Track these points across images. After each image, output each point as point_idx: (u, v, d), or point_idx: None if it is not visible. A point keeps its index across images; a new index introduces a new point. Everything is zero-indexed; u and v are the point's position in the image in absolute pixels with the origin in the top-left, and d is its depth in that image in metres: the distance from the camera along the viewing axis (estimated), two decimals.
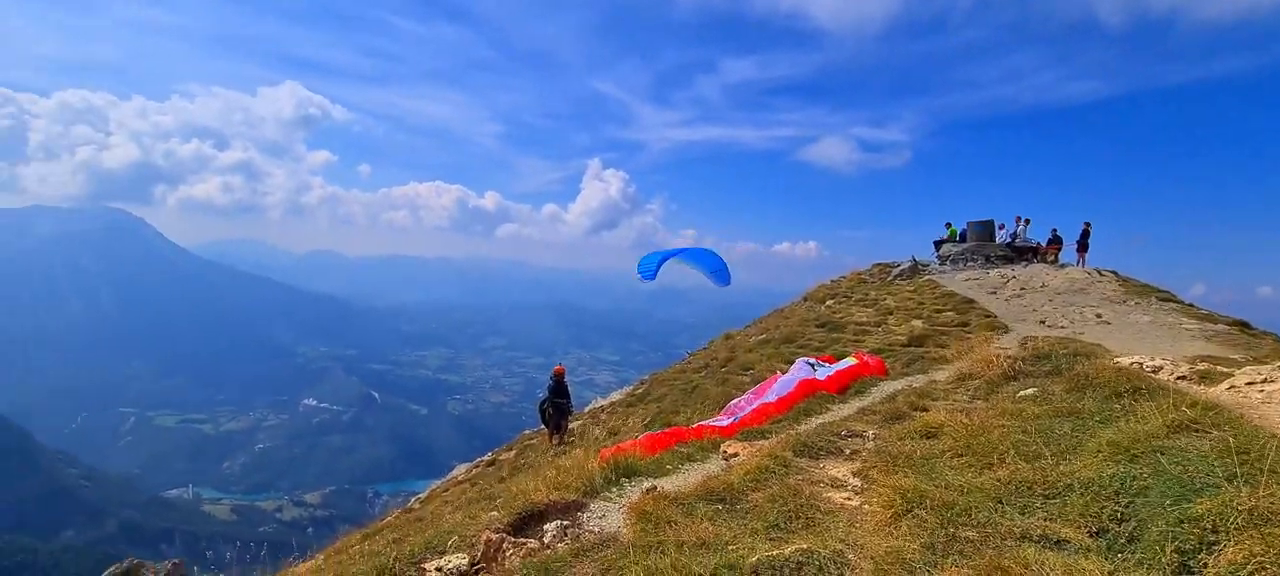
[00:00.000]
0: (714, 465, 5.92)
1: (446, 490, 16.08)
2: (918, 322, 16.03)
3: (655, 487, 4.98)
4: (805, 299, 25.14)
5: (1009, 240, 27.19)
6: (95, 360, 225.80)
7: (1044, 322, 15.08)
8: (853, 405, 8.07)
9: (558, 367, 15.23)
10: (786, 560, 2.92)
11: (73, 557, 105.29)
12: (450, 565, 3.94)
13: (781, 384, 10.00)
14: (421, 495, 17.52)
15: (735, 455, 6.10)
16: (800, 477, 4.63)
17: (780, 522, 3.63)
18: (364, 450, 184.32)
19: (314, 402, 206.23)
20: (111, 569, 15.80)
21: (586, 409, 20.00)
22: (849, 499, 4.19)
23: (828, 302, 22.52)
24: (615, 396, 21.23)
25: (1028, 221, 27.17)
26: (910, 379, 9.59)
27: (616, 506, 4.81)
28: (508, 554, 4.01)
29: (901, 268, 26.07)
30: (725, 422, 8.76)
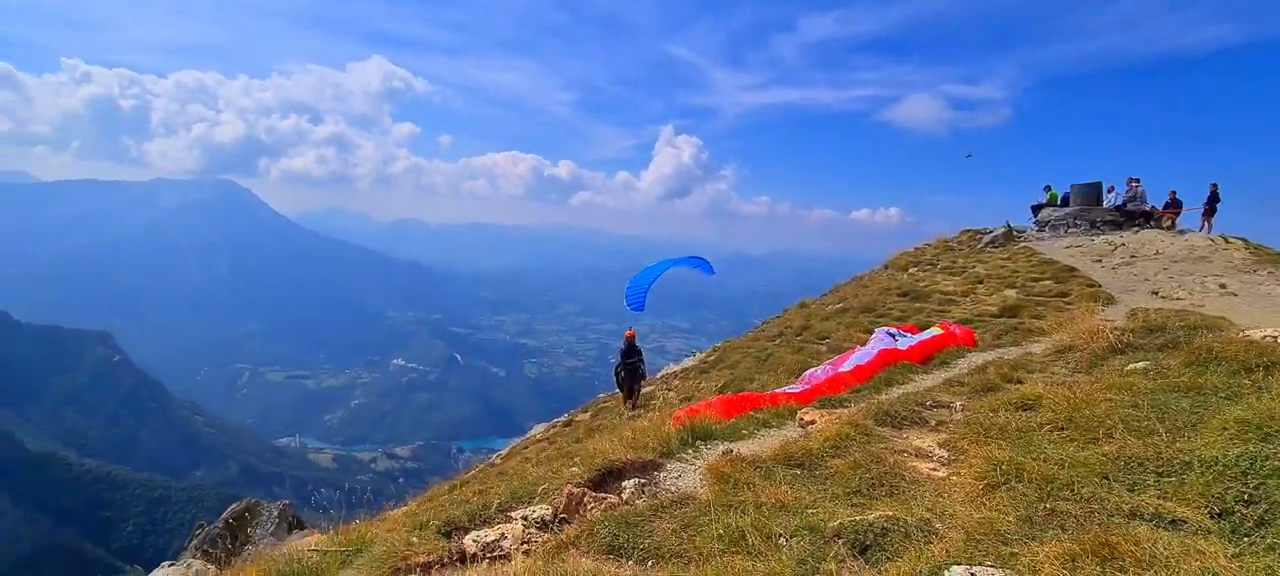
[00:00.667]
0: (791, 431, 5.86)
1: (525, 447, 16.81)
2: (1011, 292, 15.07)
3: (732, 451, 5.01)
4: (886, 266, 24.13)
5: (1118, 203, 24.84)
6: (214, 320, 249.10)
7: (1157, 293, 13.80)
8: (937, 376, 7.74)
9: (629, 332, 15.42)
10: (871, 525, 2.87)
11: (202, 495, 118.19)
12: (535, 514, 4.13)
13: (860, 354, 9.71)
14: (502, 451, 18.38)
15: (812, 422, 6.01)
16: (882, 446, 4.52)
17: (862, 489, 3.57)
18: (448, 408, 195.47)
19: (402, 363, 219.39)
20: (233, 506, 17.61)
21: (658, 375, 20.21)
22: (935, 469, 4.05)
23: (910, 270, 21.53)
24: (687, 362, 21.32)
25: (1139, 182, 24.68)
26: (1001, 351, 9.06)
27: (693, 467, 4.87)
28: (588, 507, 4.16)
29: (994, 234, 24.47)
30: (800, 390, 8.63)
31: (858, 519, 2.97)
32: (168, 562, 12.70)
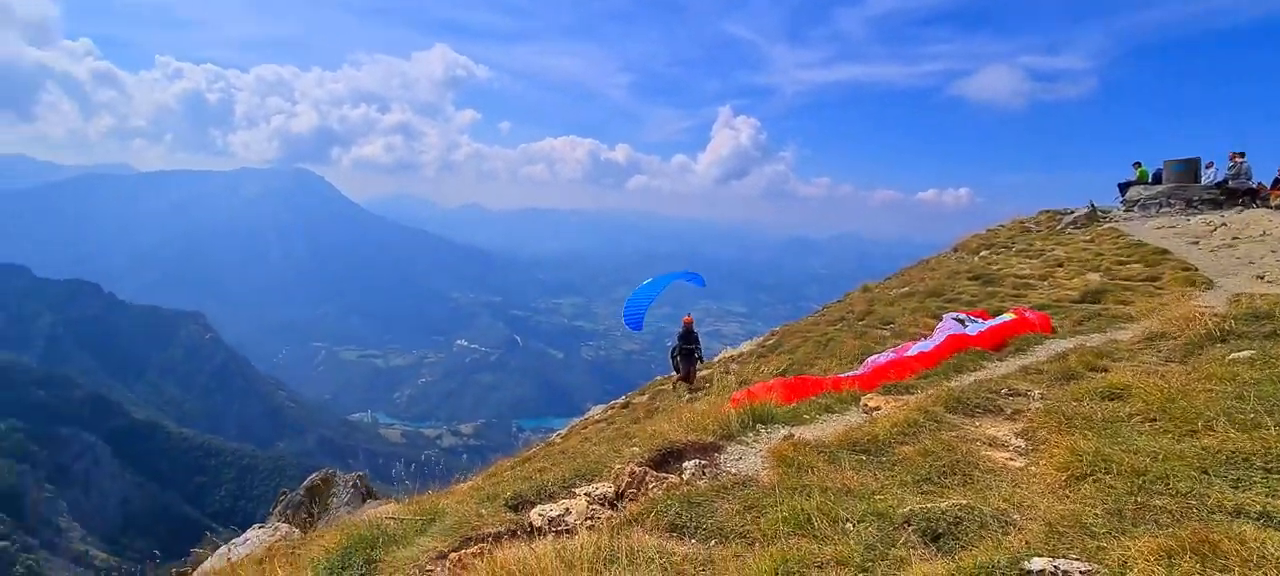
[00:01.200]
0: (855, 417, 5.74)
1: (584, 427, 17.14)
2: (1094, 276, 14.14)
3: (793, 435, 4.95)
4: (955, 249, 23.10)
5: (1219, 180, 22.76)
6: (293, 301, 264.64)
7: (1263, 277, 12.63)
8: (1012, 363, 7.38)
9: (686, 317, 15.43)
10: (943, 514, 2.78)
11: (284, 464, 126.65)
12: (598, 491, 4.22)
13: (927, 340, 9.36)
14: (562, 431, 18.80)
15: (877, 408, 5.86)
16: (953, 434, 4.36)
17: (933, 477, 3.46)
18: (509, 388, 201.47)
19: (465, 343, 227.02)
20: (312, 476, 18.79)
21: (716, 359, 20.15)
22: (1011, 459, 3.88)
23: (982, 253, 20.53)
24: (745, 347, 21.15)
25: (1243, 157, 22.48)
26: (1083, 338, 8.54)
27: (754, 450, 4.84)
28: (650, 486, 4.22)
29: (1076, 214, 22.98)
30: (863, 374, 8.41)
31: (929, 506, 2.89)
32: (258, 525, 13.69)
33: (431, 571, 3.50)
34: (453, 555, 3.43)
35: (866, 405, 6.07)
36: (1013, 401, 5.18)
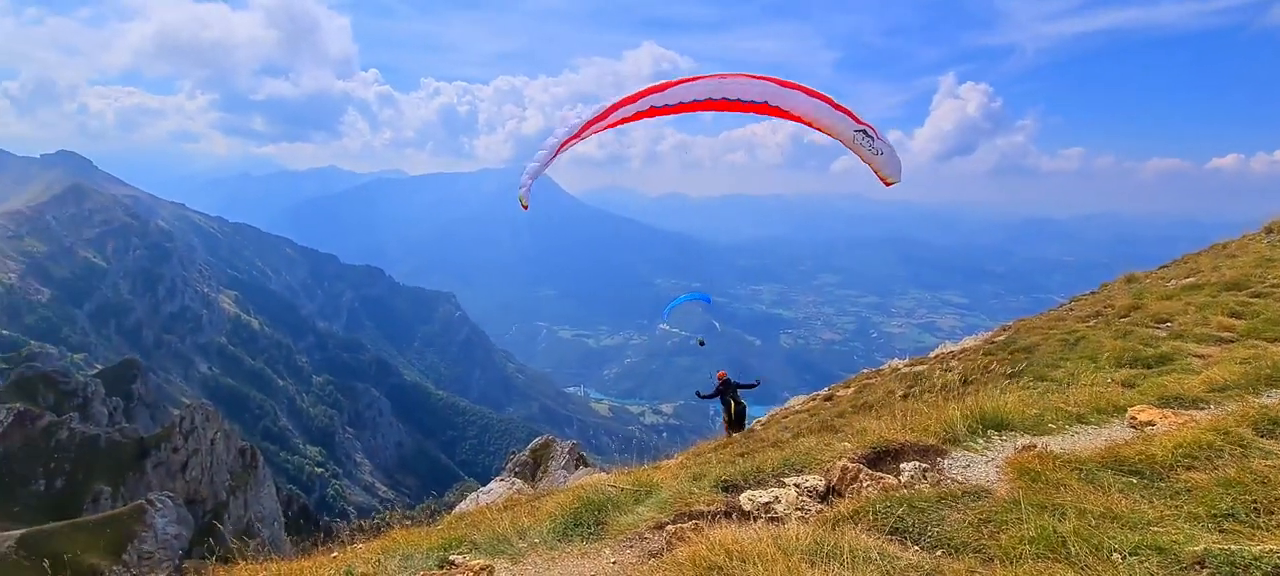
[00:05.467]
0: (1119, 431, 4.87)
1: (784, 417, 16.86)
2: None
3: (1035, 445, 4.37)
4: (1268, 230, 17.97)
5: None
6: (521, 284, 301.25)
7: None
8: None
9: (720, 373, 13.75)
10: (1254, 561, 2.25)
11: (513, 426, 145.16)
12: (808, 483, 4.18)
13: None
14: (762, 419, 18.72)
15: (1151, 423, 4.90)
16: (1266, 463, 3.48)
17: (1237, 514, 2.80)
18: (707, 371, 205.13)
19: (667, 327, 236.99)
20: (535, 441, 21.28)
21: (932, 353, 18.36)
22: None
23: None
24: (967, 342, 18.91)
25: None
26: None
27: (985, 458, 4.39)
28: (863, 484, 4.05)
29: None
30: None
31: (1232, 549, 2.36)
32: (497, 479, 15.89)
33: (649, 539, 3.79)
34: (669, 527, 3.68)
35: (1135, 418, 5.10)
36: None
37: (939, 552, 2.84)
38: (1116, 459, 3.66)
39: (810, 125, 7.91)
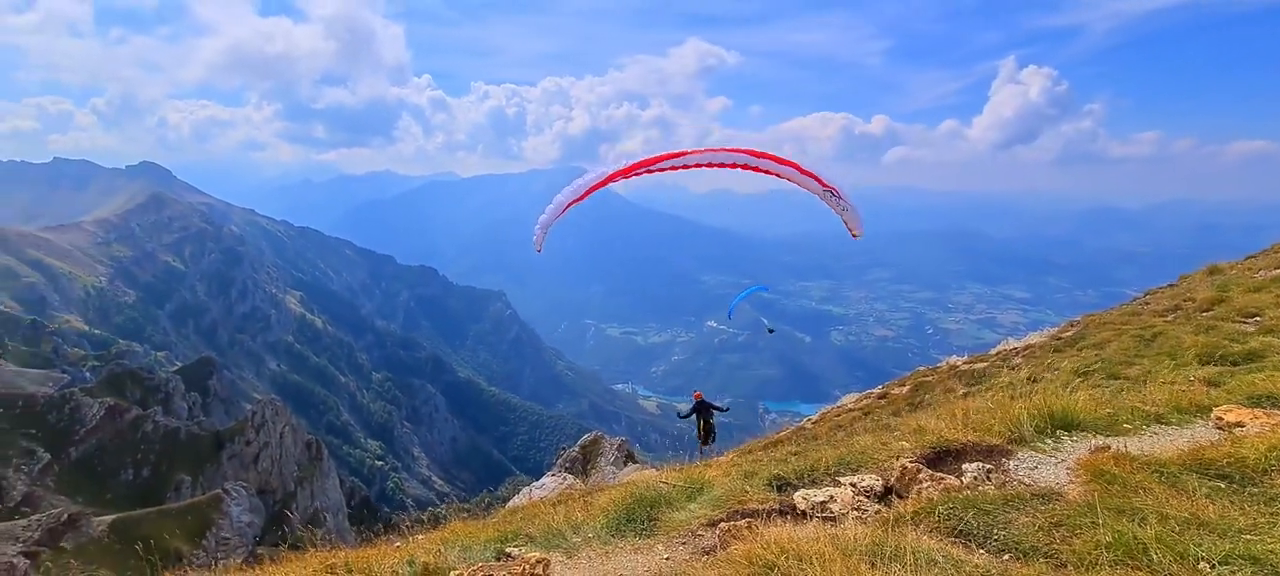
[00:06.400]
0: (1202, 432, 4.56)
1: (837, 415, 16.53)
2: None
3: (1109, 446, 4.14)
4: None
5: None
6: (569, 282, 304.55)
7: None
8: None
9: (696, 393, 14.64)
10: None
11: (563, 423, 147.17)
12: (865, 483, 4.08)
13: None
14: (813, 416, 18.40)
15: (1239, 424, 4.57)
16: None
17: None
18: (755, 369, 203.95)
19: (715, 325, 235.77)
20: (585, 437, 21.52)
21: (994, 350, 17.63)
22: None
23: None
24: (1033, 338, 18.08)
25: None
26: None
27: (1054, 460, 4.19)
28: (924, 485, 3.93)
29: None
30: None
31: None
32: (549, 474, 16.17)
33: (702, 537, 3.79)
34: (723, 524, 3.66)
35: (1222, 419, 4.77)
36: None
37: (1006, 557, 2.73)
38: (1202, 461, 3.43)
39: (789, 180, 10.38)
